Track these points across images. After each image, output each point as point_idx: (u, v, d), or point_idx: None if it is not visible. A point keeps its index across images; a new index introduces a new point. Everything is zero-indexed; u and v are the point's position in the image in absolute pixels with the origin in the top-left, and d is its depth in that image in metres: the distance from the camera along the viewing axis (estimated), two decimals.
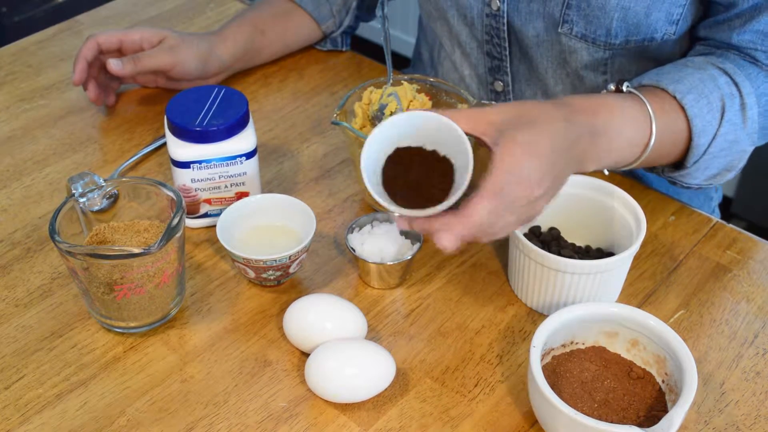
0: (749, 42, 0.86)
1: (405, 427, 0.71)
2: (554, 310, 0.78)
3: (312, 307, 0.75)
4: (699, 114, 0.82)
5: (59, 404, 0.73)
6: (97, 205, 0.78)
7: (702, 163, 0.85)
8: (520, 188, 0.69)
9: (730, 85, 0.84)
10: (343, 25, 1.14)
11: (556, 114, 0.74)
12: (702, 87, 0.83)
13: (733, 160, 0.86)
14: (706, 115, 0.82)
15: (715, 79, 0.83)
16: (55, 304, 0.81)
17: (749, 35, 0.86)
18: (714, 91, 0.83)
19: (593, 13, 0.90)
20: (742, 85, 0.84)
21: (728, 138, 0.84)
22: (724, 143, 0.84)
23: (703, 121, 0.82)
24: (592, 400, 0.69)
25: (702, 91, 0.82)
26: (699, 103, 0.82)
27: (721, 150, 0.84)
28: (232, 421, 0.71)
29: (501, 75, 1.04)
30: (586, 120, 0.76)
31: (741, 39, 0.86)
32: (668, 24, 0.89)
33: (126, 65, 0.99)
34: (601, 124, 0.77)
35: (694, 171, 0.86)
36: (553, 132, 0.72)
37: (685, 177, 0.87)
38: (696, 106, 0.82)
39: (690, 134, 0.83)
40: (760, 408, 0.73)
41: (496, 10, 0.97)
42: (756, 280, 0.84)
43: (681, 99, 0.82)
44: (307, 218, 0.82)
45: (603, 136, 0.76)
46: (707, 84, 0.83)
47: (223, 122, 0.83)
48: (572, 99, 0.78)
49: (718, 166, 0.86)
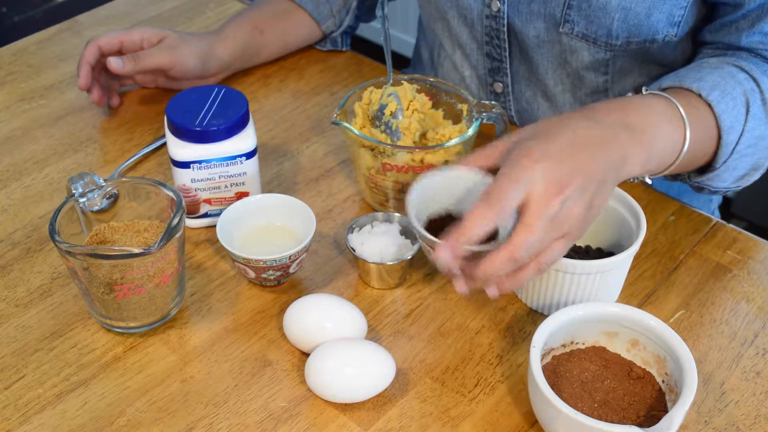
0: (759, 43, 0.85)
1: (405, 427, 0.71)
2: (554, 310, 0.78)
3: (312, 307, 0.75)
4: (726, 110, 0.81)
5: (59, 404, 0.73)
6: (97, 205, 0.78)
7: (731, 162, 0.83)
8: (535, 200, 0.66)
9: (749, 81, 0.83)
10: (343, 24, 1.14)
11: (576, 116, 0.72)
12: (724, 84, 0.81)
13: (760, 159, 0.85)
14: (732, 110, 0.81)
15: (734, 75, 0.83)
16: (55, 304, 0.81)
17: (758, 36, 0.85)
18: (736, 87, 0.82)
19: (594, 13, 0.90)
20: (760, 80, 0.83)
21: (755, 134, 0.82)
22: (751, 139, 0.82)
23: (730, 117, 0.81)
24: (592, 400, 0.69)
25: (725, 88, 0.81)
26: (725, 99, 0.81)
27: (748, 147, 0.83)
28: (232, 421, 0.71)
29: (501, 76, 1.04)
30: (615, 117, 0.73)
31: (750, 41, 0.86)
32: (670, 26, 0.89)
33: (126, 63, 1.00)
34: (634, 120, 0.74)
35: (723, 172, 0.84)
36: (570, 132, 0.70)
37: (713, 180, 0.85)
38: (722, 102, 0.80)
39: (719, 132, 0.81)
40: (760, 408, 0.73)
41: (496, 11, 0.97)
42: (756, 280, 0.84)
43: (707, 96, 0.80)
44: (307, 218, 0.82)
45: (641, 131, 0.73)
46: (729, 81, 0.82)
47: (223, 122, 0.83)
48: (593, 105, 0.76)
49: (745, 166, 0.85)
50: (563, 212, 0.67)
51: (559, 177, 0.67)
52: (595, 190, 0.69)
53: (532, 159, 0.67)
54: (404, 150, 0.83)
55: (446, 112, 0.92)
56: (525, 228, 0.66)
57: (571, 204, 0.67)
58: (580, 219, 0.68)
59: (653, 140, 0.74)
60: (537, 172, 0.67)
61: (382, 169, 0.85)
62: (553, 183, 0.67)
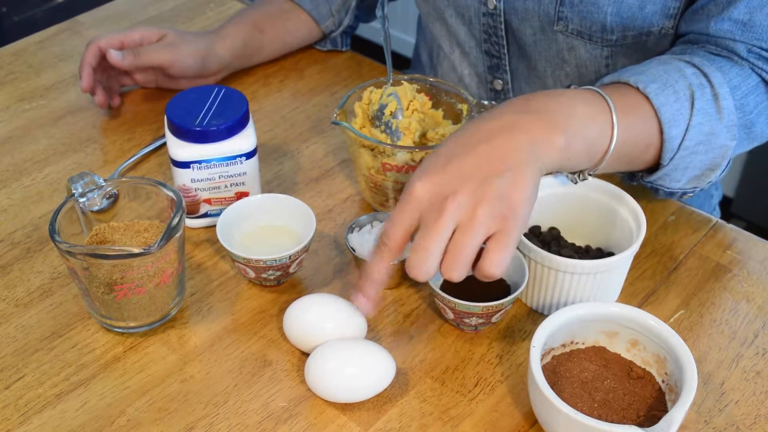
0: (727, 32, 0.82)
1: (405, 427, 0.71)
2: (554, 310, 0.78)
3: (312, 307, 0.75)
4: (666, 103, 0.77)
5: (59, 404, 0.73)
6: (97, 205, 0.78)
7: (680, 160, 0.80)
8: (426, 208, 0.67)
9: (698, 76, 0.79)
10: (343, 24, 1.14)
11: (473, 119, 0.73)
12: (666, 77, 0.78)
13: (715, 158, 0.81)
14: (674, 104, 0.77)
15: (680, 69, 0.79)
16: (55, 304, 0.81)
17: (727, 24, 0.82)
18: (680, 81, 0.78)
19: (587, 8, 0.90)
20: (712, 75, 0.79)
21: (703, 130, 0.79)
22: (700, 135, 0.79)
23: (671, 110, 0.77)
24: (592, 400, 0.69)
25: (666, 81, 0.78)
26: (665, 91, 0.77)
27: (698, 144, 0.79)
28: (232, 421, 0.71)
29: (500, 73, 1.04)
30: (514, 107, 0.72)
31: (718, 28, 0.82)
32: (665, 18, 0.88)
33: (126, 57, 1.00)
34: (537, 104, 0.72)
35: (673, 171, 0.81)
36: (455, 139, 0.71)
37: (665, 180, 0.82)
38: (662, 95, 0.77)
39: (660, 127, 0.78)
40: (760, 408, 0.73)
41: (492, 9, 0.97)
42: (756, 280, 0.84)
43: (644, 89, 0.77)
44: (307, 218, 0.82)
45: (545, 112, 0.71)
46: (672, 74, 0.79)
47: (223, 122, 0.83)
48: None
49: (699, 165, 0.81)
50: (465, 216, 0.66)
51: (439, 189, 0.67)
52: (497, 183, 0.67)
53: (410, 183, 0.69)
54: (404, 150, 0.83)
55: (446, 112, 0.92)
56: (417, 248, 0.67)
57: (469, 207, 0.66)
58: (494, 215, 0.66)
59: (567, 120, 0.72)
60: (417, 191, 0.68)
61: (382, 169, 0.85)
62: (435, 195, 0.67)
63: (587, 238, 0.83)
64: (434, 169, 0.68)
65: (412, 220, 0.68)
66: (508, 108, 0.72)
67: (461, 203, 0.66)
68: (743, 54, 0.82)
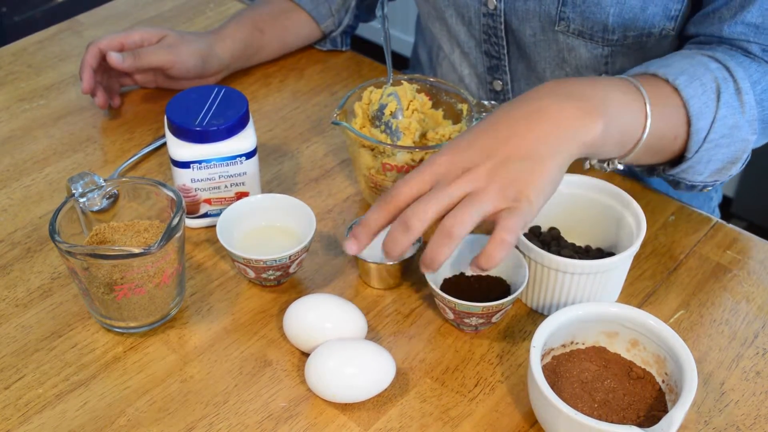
0: (741, 34, 0.83)
1: (405, 427, 0.71)
2: (554, 310, 0.78)
3: (312, 307, 0.75)
4: (694, 95, 0.78)
5: (59, 404, 0.73)
6: (97, 205, 0.78)
7: (704, 153, 0.80)
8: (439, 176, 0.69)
9: (722, 70, 0.80)
10: (343, 24, 1.14)
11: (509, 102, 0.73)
12: (693, 70, 0.79)
13: (737, 151, 0.82)
14: (702, 96, 0.78)
15: (705, 63, 0.80)
16: (55, 304, 0.81)
17: (740, 27, 0.83)
18: (706, 74, 0.79)
19: (589, 9, 0.90)
20: (734, 70, 0.80)
21: (728, 123, 0.79)
22: (725, 129, 0.79)
23: (699, 102, 0.78)
24: (592, 400, 0.69)
25: (694, 74, 0.79)
26: (692, 84, 0.78)
27: (722, 137, 0.80)
28: (232, 421, 0.71)
29: (500, 74, 1.04)
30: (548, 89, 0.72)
31: (732, 31, 0.83)
32: (666, 19, 0.89)
33: (126, 59, 1.00)
34: (574, 89, 0.72)
35: (697, 164, 0.81)
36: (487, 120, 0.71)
37: (688, 172, 0.83)
38: (690, 87, 0.78)
39: (688, 117, 0.78)
40: (760, 408, 0.73)
41: (493, 10, 0.97)
42: (756, 280, 0.84)
43: (673, 81, 0.78)
44: (307, 218, 0.82)
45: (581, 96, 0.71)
46: (698, 68, 0.79)
47: (223, 122, 0.83)
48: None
49: (722, 158, 0.82)
50: (476, 188, 0.67)
51: (459, 161, 0.68)
52: (516, 166, 0.67)
53: (433, 155, 0.70)
54: (404, 150, 0.83)
55: (446, 111, 0.92)
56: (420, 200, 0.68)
57: (482, 181, 0.67)
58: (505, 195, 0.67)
59: (604, 106, 0.72)
60: (437, 161, 0.69)
61: (382, 169, 0.85)
62: (454, 165, 0.68)
63: (587, 238, 0.83)
64: (458, 146, 0.70)
65: (425, 184, 0.69)
66: (543, 91, 0.72)
67: (476, 177, 0.68)
68: (758, 53, 0.83)
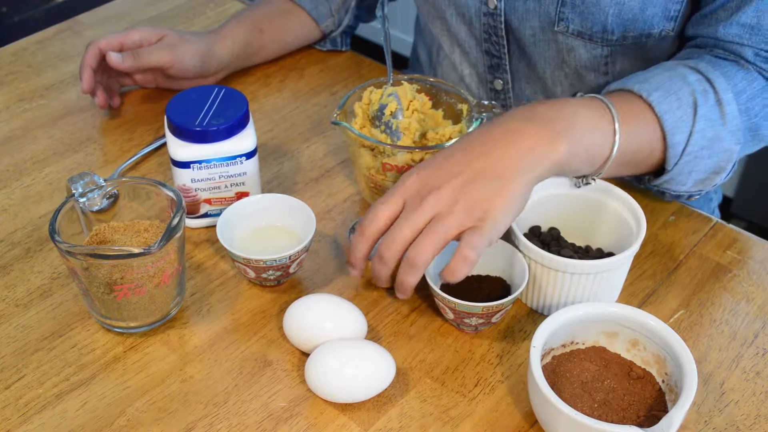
0: (735, 36, 0.84)
1: (405, 427, 0.71)
2: (554, 310, 0.78)
3: (312, 307, 0.75)
4: (668, 110, 0.79)
5: (59, 404, 0.73)
6: (97, 205, 0.78)
7: (684, 165, 0.81)
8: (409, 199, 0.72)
9: (702, 82, 0.81)
10: (343, 24, 1.14)
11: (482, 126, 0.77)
12: (669, 84, 0.80)
13: (720, 161, 0.82)
14: (677, 111, 0.79)
15: (684, 77, 0.81)
16: (55, 304, 0.81)
17: (735, 28, 0.83)
18: (683, 88, 0.80)
19: (588, 9, 0.90)
20: (716, 81, 0.81)
21: (707, 135, 0.80)
22: (703, 141, 0.80)
23: (673, 117, 0.79)
24: (592, 400, 0.69)
25: (669, 88, 0.80)
26: (667, 99, 0.79)
27: (701, 149, 0.81)
28: (232, 421, 0.71)
29: (500, 73, 1.04)
30: (520, 113, 0.75)
31: (727, 33, 0.84)
32: (666, 20, 0.89)
33: (126, 59, 1.00)
34: (542, 112, 0.75)
35: (678, 175, 0.83)
36: (460, 142, 0.75)
37: (670, 183, 0.84)
38: (664, 102, 0.79)
39: (663, 133, 0.80)
40: (760, 408, 0.73)
41: (493, 9, 0.97)
42: (756, 280, 0.84)
43: (647, 97, 0.79)
44: (307, 218, 0.82)
45: (546, 119, 0.74)
46: (675, 82, 0.81)
47: (223, 122, 0.83)
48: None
49: (704, 169, 0.83)
50: (443, 209, 0.70)
51: (427, 181, 0.71)
52: (482, 186, 0.71)
53: (405, 174, 0.73)
54: (404, 150, 0.83)
55: (446, 112, 0.92)
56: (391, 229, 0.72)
57: (448, 201, 0.70)
58: (470, 215, 0.70)
59: (569, 128, 0.75)
60: (408, 182, 0.72)
61: (382, 169, 0.85)
62: (423, 187, 0.71)
63: (587, 238, 0.83)
64: (429, 166, 0.73)
65: (397, 206, 0.73)
66: (512, 115, 0.76)
67: (442, 196, 0.71)
68: (750, 58, 0.84)
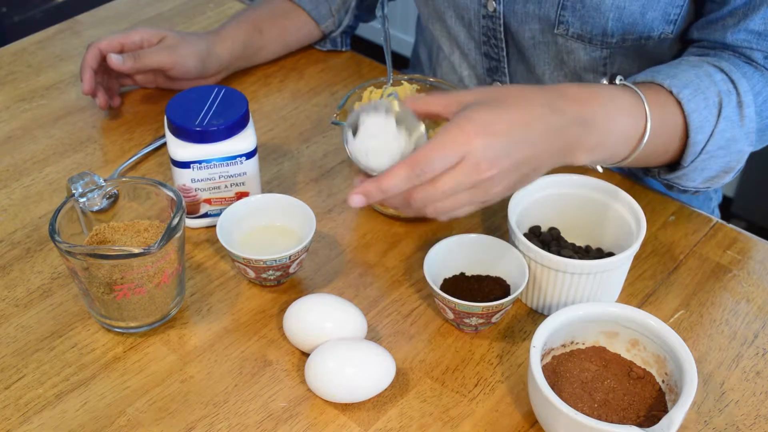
0: (744, 41, 0.84)
1: (405, 427, 0.71)
2: (554, 310, 0.78)
3: (312, 307, 0.75)
4: (696, 109, 0.80)
5: (59, 404, 0.73)
6: (97, 205, 0.78)
7: (699, 163, 0.82)
8: (466, 166, 0.67)
9: (726, 82, 0.82)
10: (343, 24, 1.14)
11: (538, 98, 0.72)
12: (698, 82, 0.81)
13: (731, 161, 0.84)
14: (703, 110, 0.80)
15: (711, 75, 0.82)
16: (55, 304, 0.81)
17: (744, 34, 0.84)
18: (710, 87, 0.81)
19: (588, 13, 0.90)
20: (738, 82, 0.82)
21: (725, 136, 0.81)
22: (722, 141, 0.81)
23: (700, 116, 0.80)
24: (592, 400, 0.69)
25: (698, 87, 0.80)
26: (696, 98, 0.80)
27: (718, 149, 0.82)
28: (232, 421, 0.71)
29: (499, 75, 1.04)
30: (574, 108, 0.73)
31: (736, 38, 0.85)
32: (665, 23, 0.89)
33: (126, 61, 1.00)
34: (591, 114, 0.74)
35: (691, 172, 0.83)
36: (521, 111, 0.70)
37: (681, 179, 0.85)
38: (693, 101, 0.80)
39: (686, 130, 0.80)
40: (760, 408, 0.73)
41: (492, 12, 0.97)
42: (756, 280, 0.84)
43: (677, 94, 0.80)
44: (307, 218, 0.82)
45: (594, 125, 0.74)
46: (703, 80, 0.81)
47: (223, 122, 0.83)
48: (566, 87, 0.76)
49: (716, 168, 0.84)
50: (483, 187, 0.69)
51: (492, 156, 0.68)
52: (525, 173, 0.71)
53: (471, 131, 0.68)
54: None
55: None
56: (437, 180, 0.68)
57: (495, 182, 0.69)
58: (497, 195, 0.71)
59: (607, 134, 0.75)
60: (471, 146, 0.68)
61: None
62: (485, 160, 0.68)
63: (587, 238, 0.83)
64: (494, 132, 0.69)
65: (453, 162, 0.68)
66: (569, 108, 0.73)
67: (495, 182, 0.69)
68: (760, 61, 0.85)
